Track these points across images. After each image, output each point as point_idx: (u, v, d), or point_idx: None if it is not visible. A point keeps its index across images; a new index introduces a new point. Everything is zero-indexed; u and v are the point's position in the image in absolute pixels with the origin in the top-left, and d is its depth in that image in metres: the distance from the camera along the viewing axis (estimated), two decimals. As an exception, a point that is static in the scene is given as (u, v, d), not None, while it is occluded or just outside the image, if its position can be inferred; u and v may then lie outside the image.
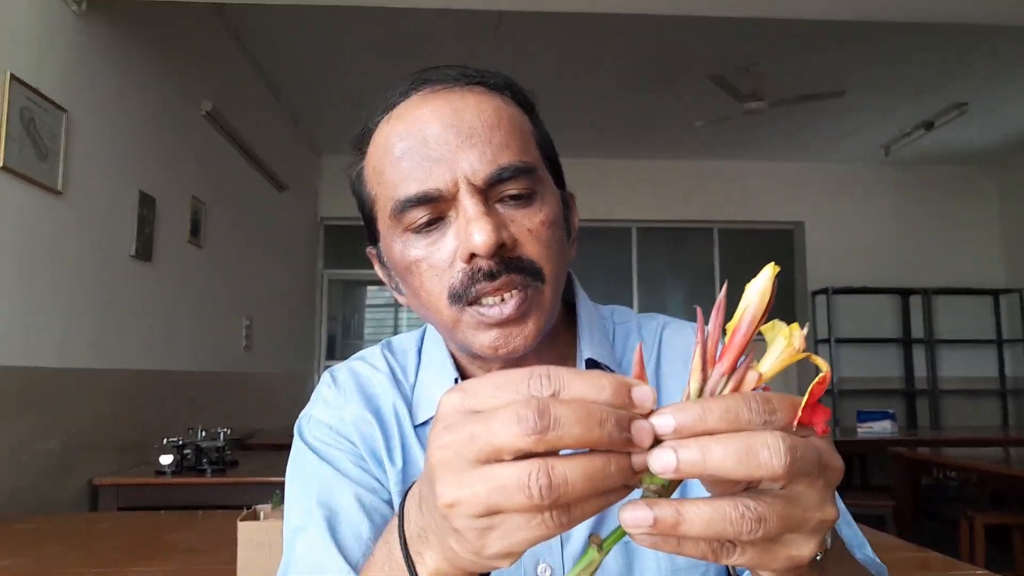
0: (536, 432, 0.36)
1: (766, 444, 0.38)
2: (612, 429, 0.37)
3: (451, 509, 0.40)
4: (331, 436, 0.79)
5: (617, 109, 5.99)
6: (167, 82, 3.62)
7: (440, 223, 0.69)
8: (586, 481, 0.37)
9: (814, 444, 0.41)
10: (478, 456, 0.38)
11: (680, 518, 0.38)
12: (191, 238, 3.85)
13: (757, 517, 0.39)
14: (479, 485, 0.38)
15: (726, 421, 0.39)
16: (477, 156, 0.67)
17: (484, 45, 4.60)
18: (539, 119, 0.77)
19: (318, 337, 7.03)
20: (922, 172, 7.43)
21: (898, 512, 4.34)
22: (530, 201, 0.69)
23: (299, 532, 0.73)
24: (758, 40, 4.72)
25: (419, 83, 0.72)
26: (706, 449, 0.38)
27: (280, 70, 5.14)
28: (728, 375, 0.42)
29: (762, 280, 0.42)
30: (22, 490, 2.46)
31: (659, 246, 7.52)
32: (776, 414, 0.40)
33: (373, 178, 0.73)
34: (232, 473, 2.84)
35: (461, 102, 0.69)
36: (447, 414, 0.41)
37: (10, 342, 2.42)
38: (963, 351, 7.27)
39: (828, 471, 0.41)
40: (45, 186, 2.59)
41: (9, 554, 1.70)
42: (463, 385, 0.41)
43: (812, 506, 0.41)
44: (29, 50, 2.54)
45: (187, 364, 3.82)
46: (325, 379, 0.84)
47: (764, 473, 0.38)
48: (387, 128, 0.71)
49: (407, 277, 0.72)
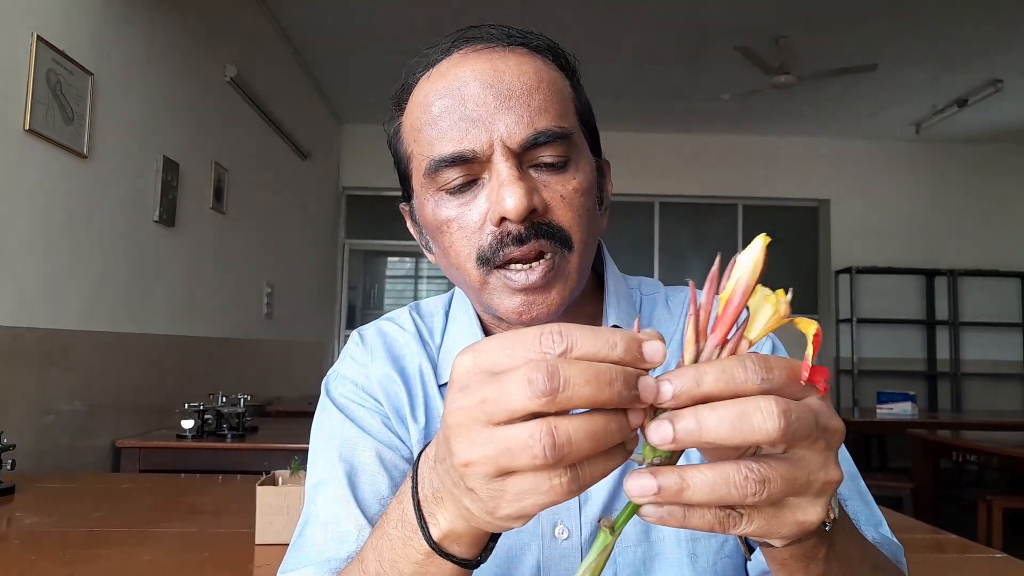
0: (547, 394, 0.36)
1: (759, 408, 0.38)
2: (621, 388, 0.38)
3: (467, 468, 0.40)
4: (356, 393, 0.80)
5: (643, 82, 5.91)
6: (192, 47, 3.62)
7: (473, 185, 0.69)
8: (589, 439, 0.37)
9: (810, 406, 0.41)
10: (490, 418, 0.38)
11: (684, 484, 0.39)
12: (214, 204, 3.87)
13: (761, 479, 0.39)
14: (489, 446, 0.39)
15: (722, 382, 0.39)
16: (514, 119, 0.66)
17: (511, 17, 4.55)
18: (580, 84, 0.76)
19: (338, 306, 7.07)
20: (953, 150, 7.28)
21: (916, 494, 4.32)
22: (564, 167, 0.69)
23: (320, 486, 0.75)
24: (788, 12, 4.62)
25: (462, 41, 0.71)
26: (701, 418, 0.38)
27: (305, 38, 5.12)
28: (721, 346, 0.42)
29: (754, 250, 0.41)
30: (47, 450, 2.50)
31: (682, 221, 7.46)
32: (773, 372, 0.39)
33: (410, 135, 0.73)
34: (251, 439, 2.87)
35: (502, 62, 0.68)
36: (461, 375, 0.41)
37: (35, 304, 2.45)
38: (988, 334, 7.18)
39: (828, 432, 0.41)
40: (71, 149, 2.60)
41: (34, 511, 1.73)
42: (475, 345, 0.41)
43: (815, 468, 0.41)
44: (56, 12, 2.54)
45: (209, 330, 3.85)
46: (353, 338, 0.86)
47: (759, 437, 0.38)
48: (427, 85, 0.71)
49: (437, 236, 0.73)
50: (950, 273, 7.08)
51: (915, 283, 7.28)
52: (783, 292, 0.42)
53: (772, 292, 0.43)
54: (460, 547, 0.51)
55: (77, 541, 1.49)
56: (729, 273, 0.42)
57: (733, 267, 0.42)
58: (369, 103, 6.31)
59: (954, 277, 7.10)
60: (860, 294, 7.09)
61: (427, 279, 7.52)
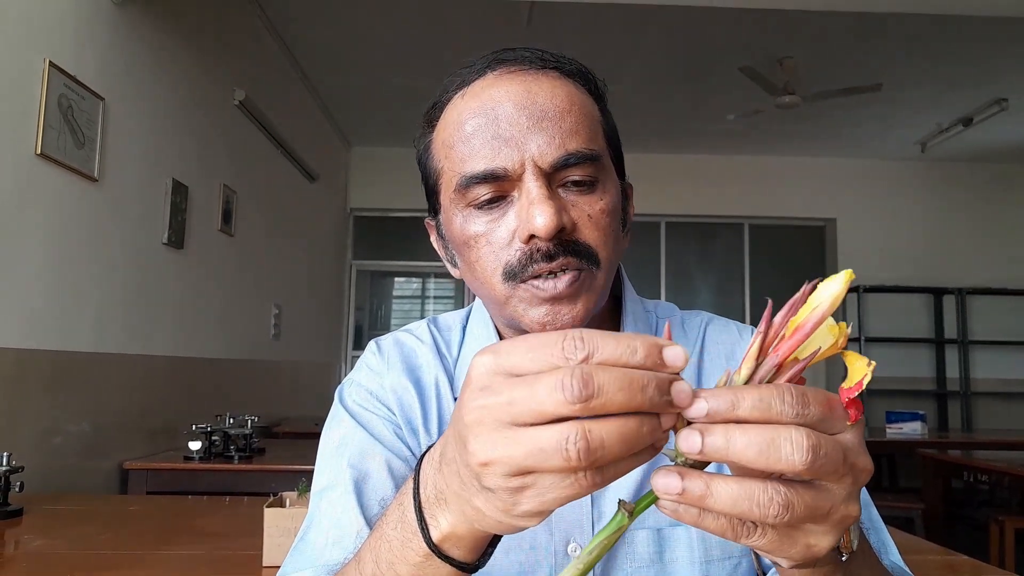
0: (581, 400, 0.37)
1: (790, 439, 0.39)
2: (653, 393, 0.38)
3: (485, 468, 0.40)
4: (370, 401, 0.81)
5: (648, 102, 5.94)
6: (201, 71, 3.66)
7: (502, 201, 0.70)
8: (621, 443, 0.38)
9: (841, 443, 0.41)
10: (516, 420, 0.39)
11: (708, 491, 0.39)
12: (222, 226, 3.90)
13: (785, 503, 0.39)
14: (516, 447, 0.39)
15: (758, 411, 0.39)
16: (546, 140, 0.68)
17: (517, 38, 4.59)
18: (608, 108, 0.78)
19: (345, 327, 7.08)
20: (959, 169, 7.28)
21: (927, 515, 4.28)
22: (592, 188, 0.70)
23: (326, 490, 0.75)
24: (792, 32, 4.65)
25: (496, 63, 0.73)
26: (731, 436, 0.39)
27: (312, 62, 5.17)
28: (779, 367, 0.43)
29: (838, 283, 0.42)
30: (55, 472, 2.50)
31: (689, 240, 7.46)
32: (810, 407, 0.40)
33: (441, 151, 0.74)
34: (259, 460, 2.87)
35: (535, 84, 0.70)
36: (481, 376, 0.41)
37: (45, 326, 2.46)
38: (997, 352, 7.14)
39: (855, 470, 0.42)
40: (82, 173, 2.63)
41: (41, 534, 1.73)
42: (496, 346, 0.42)
43: (838, 501, 0.42)
44: (68, 39, 2.58)
45: (216, 351, 3.86)
46: (370, 347, 0.86)
47: (784, 467, 0.39)
48: (460, 104, 0.72)
49: (464, 251, 0.73)
50: (958, 291, 7.06)
51: (923, 301, 7.26)
52: (845, 325, 0.43)
53: (836, 323, 0.43)
54: (460, 550, 0.51)
55: (84, 564, 1.49)
56: (802, 300, 0.43)
57: (807, 294, 0.43)
58: (376, 125, 6.36)
59: (962, 295, 7.07)
60: (868, 313, 7.07)
61: (434, 299, 7.53)
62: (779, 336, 0.43)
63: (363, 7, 4.27)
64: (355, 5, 4.23)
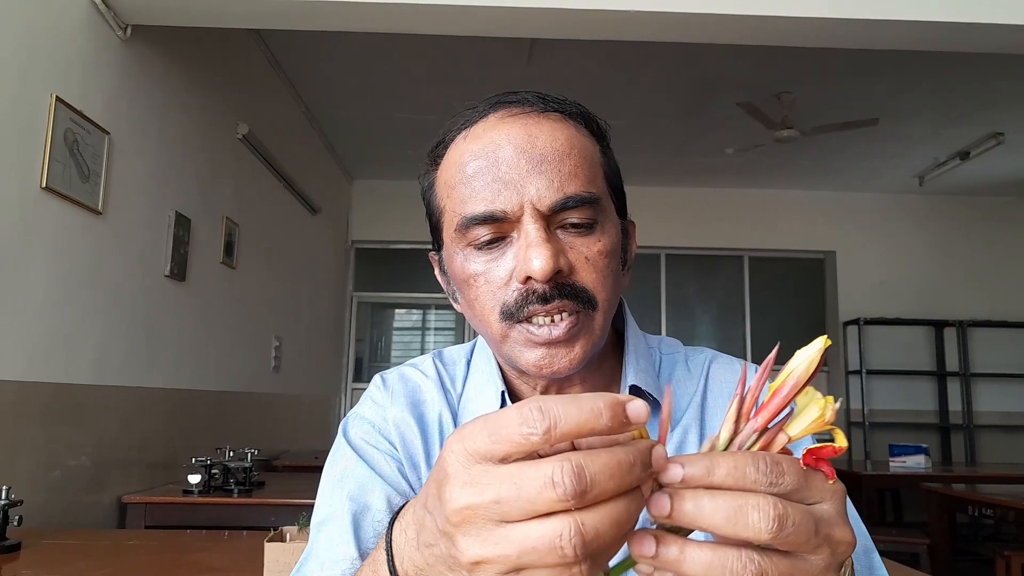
0: (575, 496, 0.36)
1: (757, 507, 0.38)
2: (639, 472, 0.38)
3: (477, 567, 0.39)
4: (373, 435, 0.81)
5: (648, 136, 5.99)
6: (205, 105, 3.70)
7: (501, 242, 0.71)
8: (615, 529, 0.37)
9: (815, 514, 0.41)
10: (505, 518, 0.37)
11: (682, 557, 0.39)
12: (224, 259, 3.91)
13: (759, 572, 0.39)
14: (508, 546, 0.37)
15: (732, 478, 0.39)
16: (545, 183, 0.69)
17: (517, 72, 4.65)
18: (610, 149, 0.79)
19: (346, 358, 7.07)
20: (957, 202, 7.32)
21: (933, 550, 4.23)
22: (591, 230, 0.71)
23: (325, 523, 0.75)
24: (790, 68, 4.71)
25: (498, 104, 0.74)
26: (699, 502, 0.39)
27: (315, 96, 5.23)
28: (759, 433, 0.43)
29: (812, 349, 0.43)
30: (53, 506, 2.49)
31: (688, 273, 7.47)
32: (784, 477, 0.40)
33: (443, 191, 0.75)
34: (258, 494, 2.85)
35: (536, 128, 0.71)
36: (457, 469, 0.39)
37: (46, 359, 2.46)
38: (1000, 385, 7.11)
39: (832, 542, 0.41)
40: (86, 206, 2.64)
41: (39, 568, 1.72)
42: (460, 431, 0.40)
43: (815, 571, 0.41)
44: (75, 74, 2.61)
45: (217, 383, 3.85)
46: (375, 381, 0.87)
47: (751, 535, 0.38)
48: (463, 145, 0.73)
49: (464, 288, 0.75)
50: (959, 324, 7.05)
51: (924, 334, 7.25)
52: (832, 399, 0.43)
53: (823, 396, 0.43)
54: None
55: (83, 599, 1.47)
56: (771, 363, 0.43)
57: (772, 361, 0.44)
58: (378, 159, 6.41)
59: (963, 328, 7.06)
60: (869, 345, 7.05)
61: (434, 331, 7.53)
62: (755, 400, 0.44)
63: (365, 42, 4.33)
64: (357, 40, 4.29)
